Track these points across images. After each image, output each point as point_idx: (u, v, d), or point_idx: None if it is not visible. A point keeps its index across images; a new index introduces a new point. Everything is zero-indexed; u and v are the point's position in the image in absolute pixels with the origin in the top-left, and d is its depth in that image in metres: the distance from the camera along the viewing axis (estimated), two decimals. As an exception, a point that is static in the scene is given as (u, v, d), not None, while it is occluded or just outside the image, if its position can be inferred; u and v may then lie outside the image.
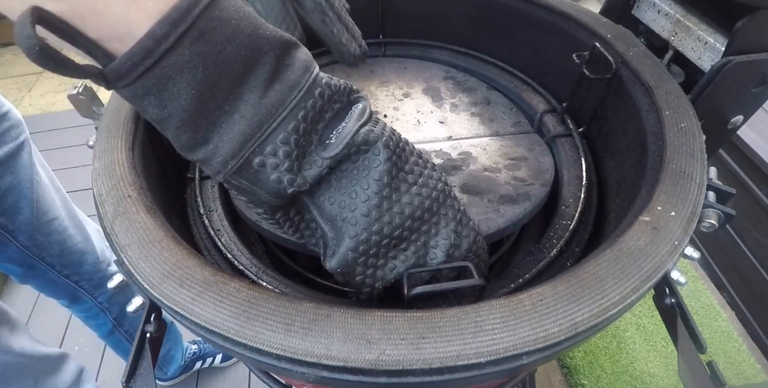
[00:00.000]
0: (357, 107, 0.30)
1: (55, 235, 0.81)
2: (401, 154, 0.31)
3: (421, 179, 0.32)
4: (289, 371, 0.27)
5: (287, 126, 0.27)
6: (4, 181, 0.71)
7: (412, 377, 0.26)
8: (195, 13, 0.23)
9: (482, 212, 0.43)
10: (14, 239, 0.76)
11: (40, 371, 0.82)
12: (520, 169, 0.48)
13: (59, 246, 0.82)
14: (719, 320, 1.21)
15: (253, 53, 0.25)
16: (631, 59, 0.46)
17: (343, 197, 0.30)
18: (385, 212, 0.30)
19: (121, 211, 0.33)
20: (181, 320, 0.29)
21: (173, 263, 0.30)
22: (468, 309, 0.27)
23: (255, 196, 0.29)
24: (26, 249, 0.78)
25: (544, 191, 0.45)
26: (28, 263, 0.81)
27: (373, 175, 0.30)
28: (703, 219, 0.34)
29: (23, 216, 0.75)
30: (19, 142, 0.73)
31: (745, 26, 0.40)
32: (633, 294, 0.28)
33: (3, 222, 0.73)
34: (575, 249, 0.44)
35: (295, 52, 0.28)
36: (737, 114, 0.47)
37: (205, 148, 0.27)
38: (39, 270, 0.83)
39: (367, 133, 0.30)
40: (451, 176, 0.48)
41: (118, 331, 1.01)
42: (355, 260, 0.30)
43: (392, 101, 0.59)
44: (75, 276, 0.87)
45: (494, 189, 0.46)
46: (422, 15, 0.66)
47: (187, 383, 1.24)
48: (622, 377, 1.10)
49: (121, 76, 0.23)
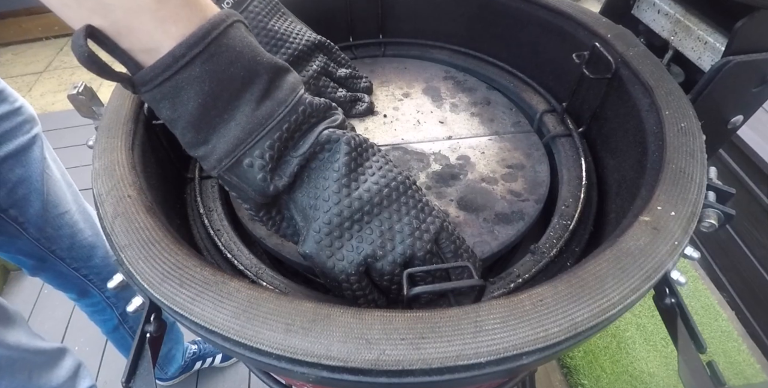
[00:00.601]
0: (331, 117, 0.36)
1: (66, 228, 0.82)
2: (362, 152, 0.36)
3: (381, 172, 0.36)
4: (289, 371, 0.27)
5: (273, 134, 0.32)
6: (15, 174, 0.73)
7: (412, 377, 0.26)
8: (208, 40, 0.28)
9: (477, 233, 0.44)
10: (25, 231, 0.77)
11: (35, 366, 0.82)
12: (517, 181, 0.49)
13: (69, 239, 0.83)
14: (719, 320, 1.21)
15: (250, 74, 0.31)
16: (631, 59, 0.46)
17: (311, 189, 0.35)
18: (344, 197, 0.34)
19: (121, 211, 0.33)
20: (181, 320, 0.29)
21: (173, 263, 0.30)
22: (468, 309, 0.27)
23: (243, 192, 0.33)
24: (37, 241, 0.80)
25: (537, 209, 0.46)
26: (38, 255, 0.82)
27: (334, 166, 0.34)
28: (703, 219, 0.34)
29: (33, 209, 0.76)
30: (30, 136, 0.75)
31: (745, 26, 0.40)
32: (633, 294, 0.28)
33: (14, 214, 0.75)
34: (575, 249, 0.44)
35: (286, 75, 0.33)
36: (737, 114, 0.47)
37: (205, 147, 0.32)
38: (49, 263, 0.84)
39: (330, 133, 0.34)
40: (449, 187, 0.48)
41: (122, 327, 1.02)
42: (321, 241, 0.33)
43: (392, 101, 0.59)
44: (84, 269, 0.89)
45: (490, 205, 0.46)
46: (422, 15, 0.66)
47: (187, 383, 1.24)
48: (622, 377, 1.10)
49: (144, 83, 0.29)
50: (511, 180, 0.49)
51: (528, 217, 0.45)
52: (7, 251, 0.81)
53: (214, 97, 0.30)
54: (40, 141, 0.77)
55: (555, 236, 0.44)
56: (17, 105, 0.73)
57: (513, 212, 0.46)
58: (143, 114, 0.43)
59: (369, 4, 0.64)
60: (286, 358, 0.26)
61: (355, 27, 0.66)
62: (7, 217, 0.74)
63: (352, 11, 0.65)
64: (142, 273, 0.30)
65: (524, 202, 0.47)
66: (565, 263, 0.43)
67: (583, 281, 0.29)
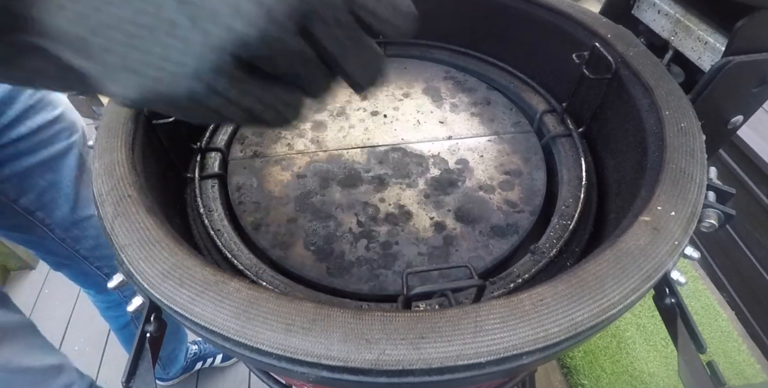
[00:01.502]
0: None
1: (92, 230, 0.84)
2: None
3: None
4: (289, 371, 0.27)
5: None
6: (45, 179, 0.74)
7: (412, 377, 0.26)
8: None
9: (473, 247, 0.44)
10: (51, 231, 0.79)
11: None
12: (513, 190, 0.49)
13: (94, 240, 0.85)
14: (719, 320, 1.21)
15: None
16: (631, 59, 0.46)
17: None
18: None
19: (121, 211, 0.33)
20: (181, 320, 0.29)
21: (173, 263, 0.30)
22: (468, 309, 0.27)
23: None
24: (62, 241, 0.82)
25: (531, 221, 0.46)
26: (64, 254, 0.85)
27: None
28: (703, 219, 0.34)
29: (61, 212, 0.78)
30: (68, 143, 0.76)
31: (745, 26, 0.40)
32: (633, 294, 0.28)
33: (41, 216, 0.77)
34: (575, 249, 0.44)
35: None
36: (737, 114, 0.47)
37: None
38: (74, 261, 0.87)
39: None
40: (447, 196, 0.49)
41: (133, 324, 1.03)
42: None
43: (392, 101, 0.59)
44: (107, 268, 0.91)
45: (486, 216, 0.47)
46: (422, 15, 0.65)
47: (187, 383, 1.24)
48: (622, 377, 1.10)
49: None
50: (507, 189, 0.50)
51: (522, 230, 0.46)
52: (37, 250, 0.84)
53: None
54: (77, 148, 0.78)
55: (555, 236, 0.44)
56: (57, 113, 0.73)
57: (508, 225, 0.46)
58: (143, 114, 0.43)
59: (369, 4, 0.64)
60: (286, 358, 0.26)
61: (355, 27, 0.66)
62: (34, 219, 0.76)
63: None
64: (142, 273, 0.30)
65: (519, 213, 0.47)
66: (565, 263, 0.43)
67: (583, 281, 0.29)
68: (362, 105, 0.59)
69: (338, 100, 0.59)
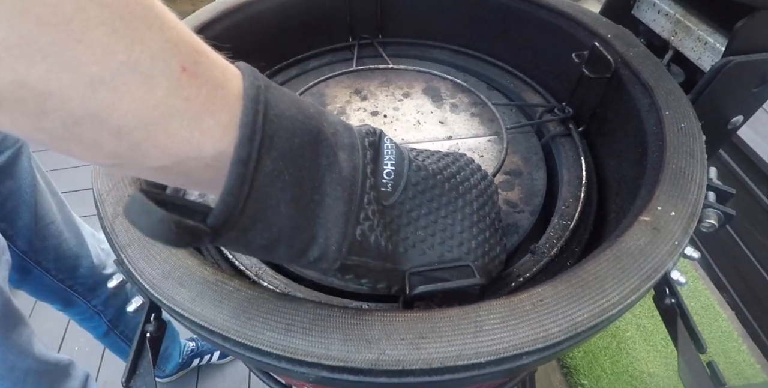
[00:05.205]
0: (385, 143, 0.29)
1: (51, 239, 0.80)
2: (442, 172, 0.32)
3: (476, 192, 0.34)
4: (289, 371, 0.27)
5: (365, 186, 0.26)
6: (5, 187, 0.71)
7: (412, 377, 0.26)
8: (260, 121, 0.21)
9: None
10: (12, 244, 0.75)
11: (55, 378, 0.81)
12: (514, 190, 0.49)
13: (55, 251, 0.82)
14: (719, 320, 1.21)
15: (312, 135, 0.24)
16: (631, 59, 0.46)
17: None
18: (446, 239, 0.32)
19: (121, 211, 0.33)
20: (181, 320, 0.29)
21: (173, 262, 0.30)
22: (468, 309, 0.27)
23: (364, 269, 0.27)
24: (24, 254, 0.78)
25: (531, 222, 0.46)
26: (25, 269, 0.80)
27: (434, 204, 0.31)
28: (703, 219, 0.34)
29: (22, 221, 0.75)
30: (17, 146, 0.73)
31: (745, 26, 0.40)
32: (633, 294, 0.28)
33: (2, 227, 0.73)
34: (575, 249, 0.44)
35: (329, 117, 0.27)
36: (737, 114, 0.47)
37: (316, 245, 0.25)
38: (34, 275, 0.82)
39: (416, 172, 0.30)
40: None
41: (113, 333, 1.01)
42: None
43: (392, 101, 0.59)
44: (70, 280, 0.87)
45: None
46: (422, 15, 0.66)
47: (187, 382, 1.24)
48: (622, 377, 1.10)
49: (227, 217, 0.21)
50: (508, 189, 0.49)
51: (522, 230, 0.46)
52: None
53: (299, 183, 0.23)
54: (27, 151, 0.75)
55: (555, 236, 0.44)
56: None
57: (508, 225, 0.46)
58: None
59: (368, 3, 0.64)
60: (286, 358, 0.26)
61: (355, 27, 0.66)
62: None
63: (352, 11, 0.65)
64: (143, 273, 0.30)
65: (519, 213, 0.47)
66: (565, 263, 0.43)
67: (583, 281, 0.29)
68: (362, 105, 0.59)
69: (338, 100, 0.59)
